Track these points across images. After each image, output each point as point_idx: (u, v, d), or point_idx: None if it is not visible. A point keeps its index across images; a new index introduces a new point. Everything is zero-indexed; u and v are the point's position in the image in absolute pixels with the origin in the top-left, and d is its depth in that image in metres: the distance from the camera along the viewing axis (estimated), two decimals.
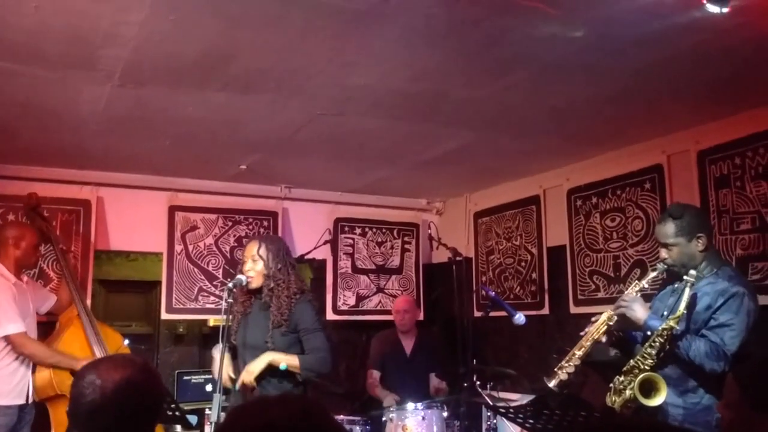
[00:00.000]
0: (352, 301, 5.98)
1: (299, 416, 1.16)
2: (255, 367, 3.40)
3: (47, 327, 4.38)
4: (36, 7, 2.55)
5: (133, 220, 5.25)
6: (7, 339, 3.84)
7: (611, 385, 2.97)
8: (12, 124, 3.94)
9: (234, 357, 3.66)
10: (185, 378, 5.15)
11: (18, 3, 2.53)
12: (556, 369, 3.06)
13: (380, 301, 6.08)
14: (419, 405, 4.22)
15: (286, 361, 3.44)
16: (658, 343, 2.79)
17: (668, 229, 2.97)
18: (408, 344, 5.31)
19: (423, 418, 4.13)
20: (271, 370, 3.47)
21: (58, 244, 4.44)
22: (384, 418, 4.27)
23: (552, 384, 3.04)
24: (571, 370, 3.02)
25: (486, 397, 4.14)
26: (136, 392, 1.72)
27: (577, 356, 3.02)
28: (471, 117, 3.96)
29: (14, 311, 3.85)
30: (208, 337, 5.50)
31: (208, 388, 5.04)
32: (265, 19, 2.71)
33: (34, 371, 3.98)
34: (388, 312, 5.93)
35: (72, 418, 1.70)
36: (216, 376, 3.34)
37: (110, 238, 5.21)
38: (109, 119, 3.87)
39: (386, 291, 6.11)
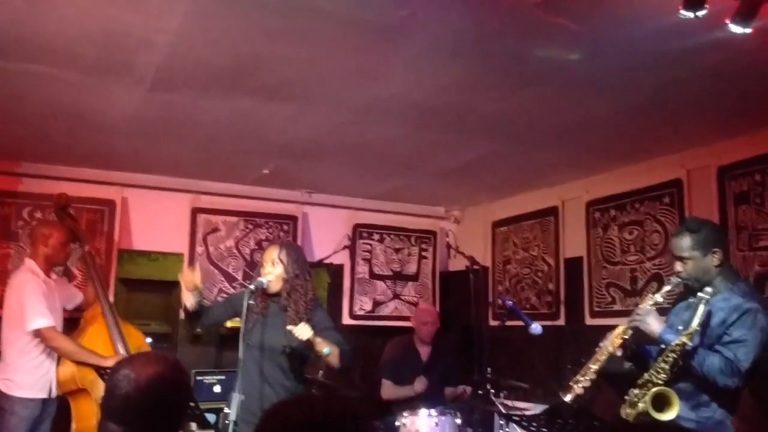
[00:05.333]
0: (368, 307, 6.04)
1: (346, 415, 1.22)
2: (307, 331, 3.36)
3: (72, 323, 4.47)
4: (75, 15, 2.64)
5: (157, 220, 5.36)
6: (37, 332, 3.93)
7: (626, 397, 2.99)
8: (45, 124, 4.05)
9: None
10: (198, 378, 5.22)
11: (59, 11, 2.62)
12: (571, 383, 3.07)
13: (396, 308, 6.13)
14: (433, 411, 4.25)
15: (331, 347, 3.41)
16: (671, 358, 2.81)
17: (684, 242, 2.99)
18: (425, 352, 5.34)
19: (436, 424, 4.17)
20: (284, 371, 3.56)
21: (85, 244, 4.53)
22: (397, 423, 4.31)
23: (567, 398, 3.05)
24: (587, 384, 3.03)
25: (499, 406, 4.17)
26: (167, 387, 1.80)
27: (592, 370, 3.04)
28: (492, 128, 4.01)
29: (44, 306, 3.95)
30: (225, 338, 5.56)
31: (217, 389, 5.11)
32: (294, 30, 2.79)
33: (58, 365, 4.07)
34: (404, 318, 5.98)
35: (105, 410, 1.78)
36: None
37: (133, 238, 5.31)
38: (139, 122, 3.97)
39: (402, 297, 6.16)
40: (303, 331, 3.33)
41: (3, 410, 3.91)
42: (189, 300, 3.59)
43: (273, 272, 3.58)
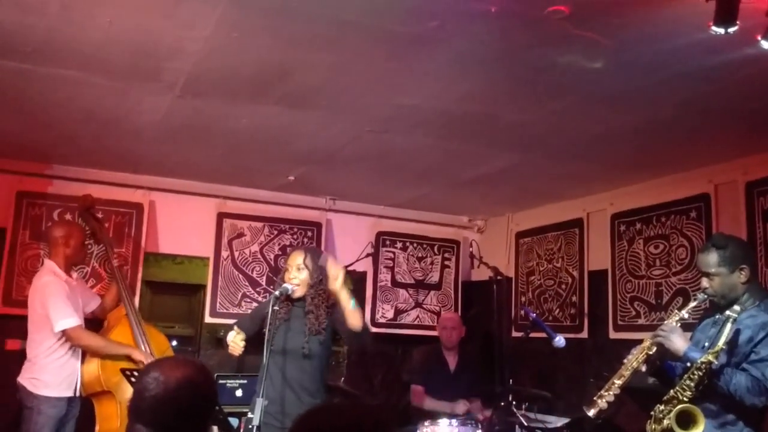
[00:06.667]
0: (390, 315, 6.04)
1: (374, 423, 1.24)
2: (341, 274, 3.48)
3: (95, 325, 4.52)
4: (109, 22, 2.70)
5: (183, 224, 5.42)
6: (64, 333, 3.99)
7: (652, 413, 2.96)
8: (75, 128, 4.12)
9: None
10: (221, 382, 5.25)
11: (92, 18, 2.67)
12: (595, 398, 3.04)
13: (418, 316, 6.13)
14: (453, 422, 4.25)
15: (356, 305, 3.53)
16: (697, 376, 2.78)
17: (711, 258, 2.96)
18: (452, 360, 5.36)
19: None
20: (306, 375, 3.58)
21: (111, 246, 4.59)
22: None
23: (591, 413, 3.03)
24: (611, 399, 3.01)
25: (521, 418, 4.15)
26: (195, 390, 1.84)
27: (616, 385, 3.01)
28: (517, 139, 4.01)
29: (69, 306, 4.01)
30: (247, 342, 5.60)
31: (239, 393, 5.14)
32: (321, 40, 2.82)
33: (82, 364, 4.12)
34: (426, 327, 5.98)
35: (134, 412, 1.81)
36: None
37: (159, 241, 5.38)
38: (167, 128, 4.03)
39: (424, 306, 6.16)
40: (337, 271, 3.44)
41: (30, 409, 3.98)
42: (238, 352, 3.61)
43: (298, 277, 3.62)
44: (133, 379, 3.40)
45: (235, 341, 3.57)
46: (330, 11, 2.57)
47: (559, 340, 4.12)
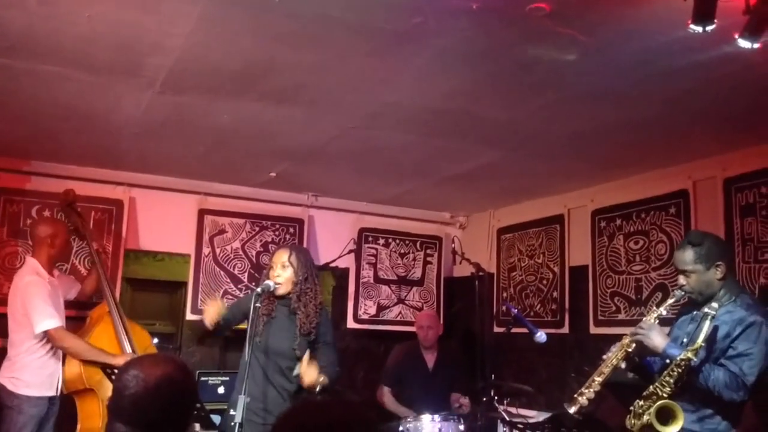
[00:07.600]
0: (372, 311, 6.05)
1: (358, 420, 1.25)
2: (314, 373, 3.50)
3: (77, 322, 4.49)
4: (89, 17, 2.67)
5: (164, 221, 5.38)
6: (46, 334, 3.95)
7: (631, 408, 3.00)
8: (54, 124, 4.08)
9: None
10: (203, 379, 5.24)
11: (73, 13, 2.65)
12: (576, 395, 3.08)
13: (400, 312, 6.14)
14: (436, 417, 4.27)
15: (321, 383, 3.54)
16: (676, 373, 2.82)
17: (687, 255, 3.00)
18: (430, 359, 5.35)
19: (440, 430, 4.19)
20: (287, 373, 3.59)
21: (93, 241, 4.55)
22: (401, 429, 4.32)
23: (572, 410, 3.06)
24: (591, 396, 3.04)
25: (503, 413, 4.19)
26: (175, 388, 1.83)
27: (597, 382, 3.05)
28: (499, 136, 4.03)
29: (50, 307, 3.97)
30: (229, 339, 5.56)
31: (221, 390, 5.14)
32: (304, 37, 2.81)
33: (63, 364, 4.09)
34: (408, 323, 5.99)
35: (114, 410, 1.81)
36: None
37: (140, 238, 5.33)
38: (147, 124, 4.00)
39: (407, 302, 6.18)
40: (310, 376, 3.44)
41: (10, 408, 3.93)
42: (208, 322, 3.60)
43: (283, 275, 3.61)
44: (114, 377, 3.38)
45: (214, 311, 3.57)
46: (313, 8, 2.56)
47: (541, 336, 4.15)
